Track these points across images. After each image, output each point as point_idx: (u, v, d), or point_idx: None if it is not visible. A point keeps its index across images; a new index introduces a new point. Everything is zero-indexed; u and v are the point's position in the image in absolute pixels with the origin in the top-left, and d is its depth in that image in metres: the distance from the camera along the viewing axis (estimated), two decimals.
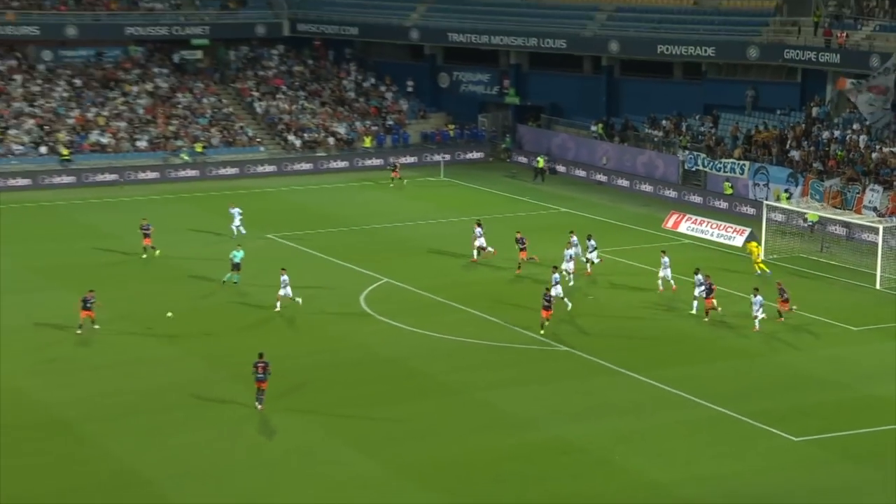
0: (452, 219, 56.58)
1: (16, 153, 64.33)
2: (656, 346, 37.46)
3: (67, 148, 65.03)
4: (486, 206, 59.64)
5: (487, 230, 49.83)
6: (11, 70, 70.18)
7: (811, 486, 27.62)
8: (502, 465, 28.64)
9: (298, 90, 74.68)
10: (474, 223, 48.30)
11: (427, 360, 36.13)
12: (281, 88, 74.23)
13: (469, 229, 53.76)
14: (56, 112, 67.88)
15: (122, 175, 63.91)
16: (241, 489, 27.32)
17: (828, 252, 49.54)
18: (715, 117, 65.05)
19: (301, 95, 74.20)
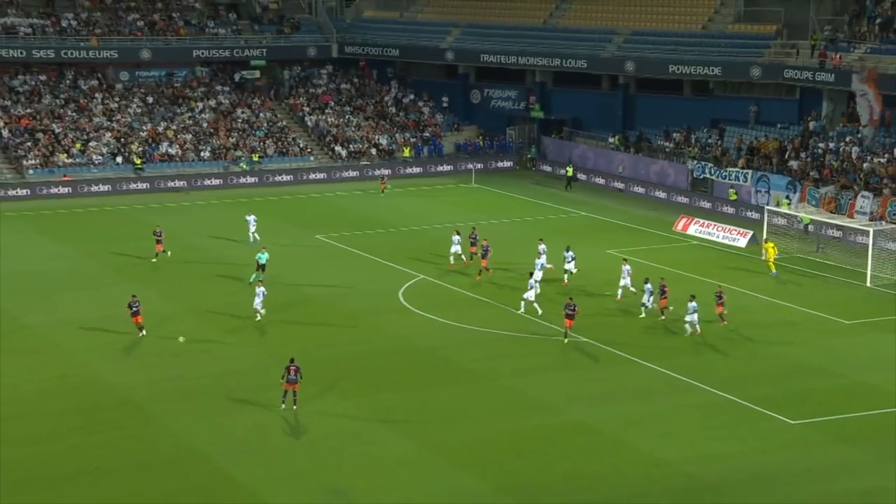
0: (482, 221, 56.42)
1: (96, 163, 64.88)
2: (667, 338, 37.09)
3: (140, 158, 65.48)
4: (513, 210, 59.43)
5: (514, 233, 49.58)
6: (93, 89, 70.80)
7: (807, 465, 27.25)
8: (525, 445, 28.47)
9: (345, 105, 74.78)
10: (454, 231, 46.92)
11: (458, 350, 36.00)
12: (329, 104, 74.36)
13: (498, 232, 53.61)
14: (131, 126, 68.37)
15: (188, 182, 64.25)
16: (290, 465, 27.32)
17: (823, 252, 48.94)
18: (721, 130, 64.46)
19: (347, 110, 74.29)
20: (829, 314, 39.96)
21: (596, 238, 52.39)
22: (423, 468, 27.18)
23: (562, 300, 38.81)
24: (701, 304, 37.81)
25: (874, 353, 35.95)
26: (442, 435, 29.17)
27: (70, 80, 70.97)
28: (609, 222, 56.36)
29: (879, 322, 39.22)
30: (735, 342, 36.84)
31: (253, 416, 30.35)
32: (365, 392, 32.17)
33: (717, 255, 49.46)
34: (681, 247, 51.19)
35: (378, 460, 27.65)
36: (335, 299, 41.52)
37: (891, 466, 27.07)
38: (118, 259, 47.59)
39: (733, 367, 34.47)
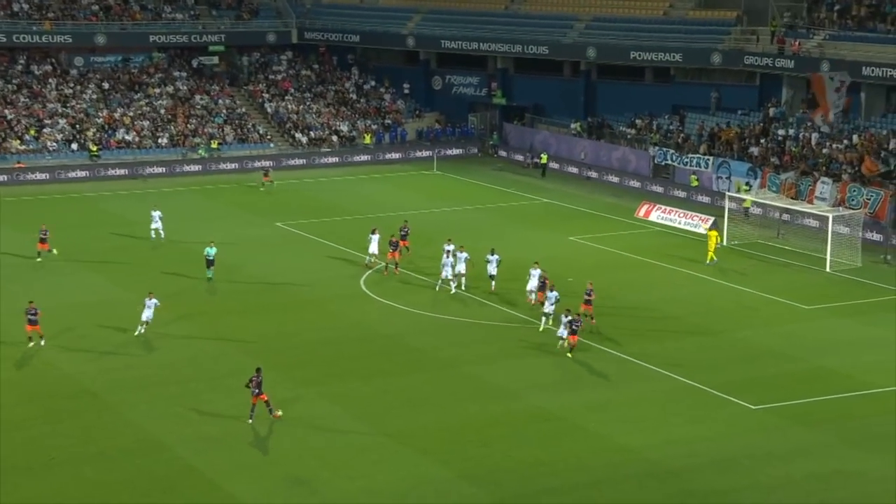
0: (444, 208, 56.36)
1: (50, 149, 63.95)
2: (629, 324, 37.31)
3: (96, 145, 64.64)
4: (474, 197, 59.43)
5: (475, 221, 49.55)
6: (46, 75, 69.72)
7: (767, 449, 27.56)
8: (489, 431, 28.55)
9: (305, 92, 74.31)
10: (371, 231, 45.14)
11: (421, 337, 36.00)
12: (289, 91, 73.86)
13: (460, 220, 53.61)
14: (86, 112, 67.45)
15: (145, 169, 63.56)
16: (252, 454, 27.17)
17: (783, 238, 49.44)
18: (682, 117, 64.87)
19: (307, 97, 73.83)
20: (789, 299, 40.41)
21: (558, 225, 52.55)
22: (386, 455, 27.18)
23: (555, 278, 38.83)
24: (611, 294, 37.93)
25: (833, 337, 36.43)
26: (405, 422, 29.17)
27: (22, 65, 69.85)
28: (571, 209, 56.55)
29: (838, 307, 39.73)
30: (696, 329, 37.13)
31: (213, 405, 30.15)
32: (327, 380, 32.08)
33: (679, 241, 49.82)
34: (642, 233, 51.50)
35: (341, 448, 27.59)
36: (296, 287, 41.31)
37: (850, 450, 27.46)
38: (72, 247, 46.97)
39: (695, 353, 34.76)
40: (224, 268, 42.75)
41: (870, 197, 49.93)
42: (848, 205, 49.90)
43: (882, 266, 45.22)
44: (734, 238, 48.82)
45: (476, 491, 25.49)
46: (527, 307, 38.46)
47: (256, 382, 28.81)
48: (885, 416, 29.59)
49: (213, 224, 51.75)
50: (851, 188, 50.93)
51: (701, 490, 25.52)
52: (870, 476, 26.11)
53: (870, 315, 38.70)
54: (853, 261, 45.14)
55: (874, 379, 32.25)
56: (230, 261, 43.82)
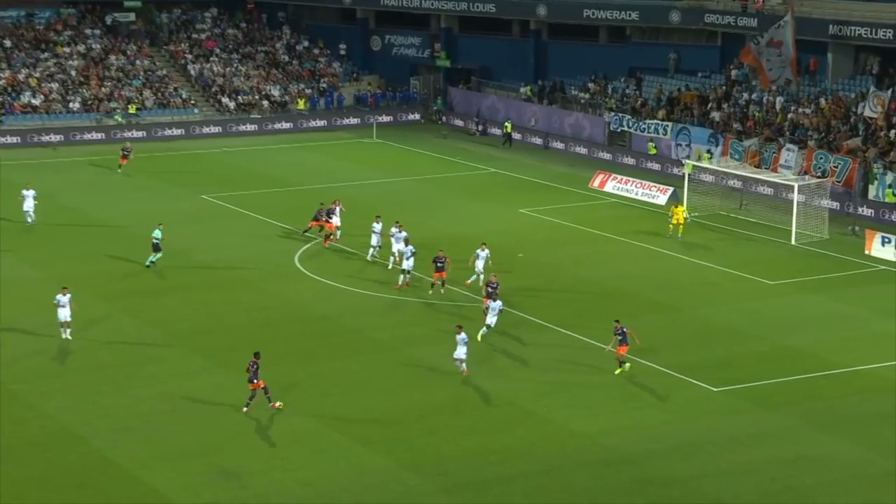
0: (385, 179, 56.18)
1: None
2: (582, 302, 37.55)
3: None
4: (417, 166, 59.30)
5: (418, 192, 49.39)
6: None
7: (730, 433, 27.96)
8: (434, 419, 28.60)
9: (232, 53, 73.41)
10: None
11: (360, 318, 35.91)
12: (214, 51, 72.91)
13: (400, 192, 53.50)
14: None
15: (56, 136, 62.40)
16: (176, 445, 26.93)
17: (746, 209, 50.03)
18: (639, 80, 65.23)
19: (234, 58, 72.95)
20: (752, 274, 40.96)
21: (507, 197, 52.65)
22: (323, 445, 27.11)
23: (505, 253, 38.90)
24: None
25: (799, 314, 37.00)
26: (342, 409, 29.11)
27: None
28: (521, 179, 56.69)
29: (804, 282, 40.37)
30: (654, 306, 37.48)
31: (134, 392, 29.83)
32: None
33: (636, 213, 50.22)
34: (598, 205, 51.81)
35: (273, 437, 27.47)
36: (226, 264, 40.96)
37: (815, 433, 27.96)
38: None
39: (652, 332, 35.07)
40: (145, 243, 42.21)
41: (837, 164, 50.70)
42: (814, 173, 50.63)
43: (850, 238, 46.00)
44: (695, 209, 49.31)
45: (421, 481, 25.55)
46: (473, 286, 38.49)
47: (254, 368, 28.56)
48: (853, 398, 30.18)
49: (130, 196, 51.06)
50: (818, 155, 51.67)
51: (660, 477, 25.83)
52: (837, 461, 26.62)
53: (837, 290, 39.37)
54: (820, 233, 45.85)
55: (841, 358, 32.85)
56: (150, 235, 43.21)
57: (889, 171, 49.15)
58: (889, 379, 31.39)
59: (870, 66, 56.90)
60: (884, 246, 43.02)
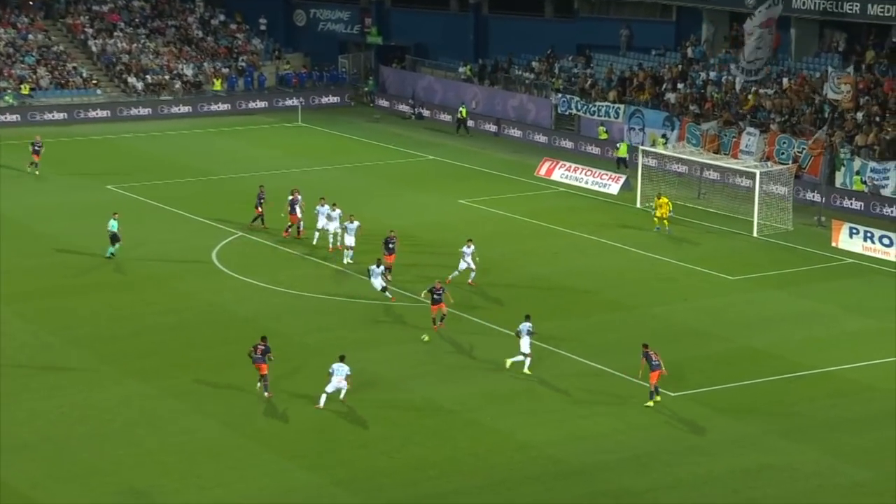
0: (311, 168, 55.96)
1: None
2: (528, 300, 37.71)
3: None
4: (347, 153, 59.16)
5: (348, 182, 49.27)
6: None
7: (688, 443, 28.28)
8: (367, 430, 28.59)
9: (139, 27, 72.63)
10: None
11: (284, 320, 35.76)
12: (118, 25, 72.05)
13: (329, 181, 53.35)
14: None
15: None
16: (77, 463, 26.59)
17: (704, 199, 50.61)
18: (588, 58, 65.69)
19: (142, 33, 72.17)
20: (711, 269, 41.46)
21: (446, 186, 52.74)
22: (245, 460, 26.96)
23: (442, 251, 38.84)
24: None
25: (761, 312, 37.52)
26: (267, 421, 28.97)
27: None
28: (461, 167, 56.80)
29: (767, 277, 40.96)
30: (606, 304, 37.78)
31: (29, 406, 29.40)
32: (172, 372, 31.71)
33: (586, 203, 50.58)
34: (544, 194, 52.10)
35: (190, 453, 27.26)
36: (135, 262, 40.55)
37: (779, 441, 28.38)
38: None
39: (605, 332, 35.39)
40: (45, 239, 41.67)
41: (801, 150, 51.49)
42: (777, 159, 51.38)
43: (815, 229, 46.75)
44: (649, 199, 49.74)
45: (353, 499, 25.54)
46: (411, 285, 38.48)
47: (262, 350, 29.59)
48: (820, 402, 30.67)
49: (25, 187, 50.30)
50: (781, 140, 52.44)
51: (613, 490, 26.07)
52: (802, 471, 27.04)
53: (802, 286, 40.01)
54: (783, 224, 46.55)
55: (807, 359, 33.38)
56: (52, 230, 42.70)
57: (857, 157, 50.01)
58: (858, 381, 31.96)
59: (835, 43, 57.83)
60: (851, 237, 43.79)
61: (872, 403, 30.53)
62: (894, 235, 42.86)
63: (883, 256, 42.68)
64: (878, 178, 49.10)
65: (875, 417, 29.62)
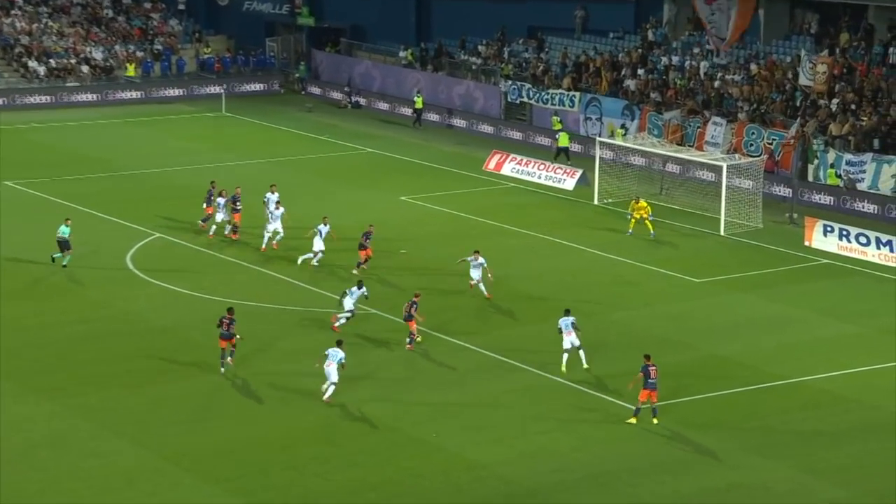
0: (236, 162, 55.71)
1: None
2: (477, 307, 37.79)
3: None
4: (276, 146, 58.97)
5: (278, 177, 49.20)
6: None
7: (651, 459, 28.47)
8: (300, 450, 28.51)
9: (39, 6, 71.96)
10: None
11: (208, 330, 35.51)
12: (16, 2, 71.31)
13: (257, 176, 53.19)
14: None
15: None
16: None
17: (667, 195, 51.01)
18: (540, 41, 65.98)
19: (43, 12, 71.53)
20: (675, 271, 41.80)
21: (386, 181, 52.76)
22: (163, 485, 26.78)
23: (387, 249, 38.75)
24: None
25: (729, 318, 37.88)
26: (187, 441, 28.81)
27: None
28: (403, 161, 56.84)
29: (735, 279, 41.37)
30: (561, 309, 37.87)
31: None
32: (81, 389, 31.48)
33: (539, 199, 50.82)
34: (494, 191, 52.27)
35: (101, 477, 27.04)
36: (38, 266, 40.14)
37: (750, 457, 28.66)
38: None
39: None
40: None
41: (772, 141, 52.09)
42: (745, 151, 51.93)
43: (787, 227, 47.31)
44: (607, 195, 50.14)
45: None
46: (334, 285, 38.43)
47: (227, 323, 31.44)
48: (793, 415, 31.00)
49: None
50: (749, 130, 53.01)
51: None
52: (775, 489, 27.31)
53: (773, 288, 40.46)
54: (753, 221, 47.05)
55: (779, 369, 33.74)
56: None
57: (831, 149, 50.64)
58: (834, 392, 32.35)
59: (807, 25, 58.55)
60: (826, 236, 44.35)
61: (848, 415, 30.93)
62: (872, 234, 43.44)
63: (860, 256, 43.27)
64: (853, 172, 49.75)
65: (851, 431, 30.00)
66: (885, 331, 36.43)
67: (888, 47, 54.13)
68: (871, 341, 35.76)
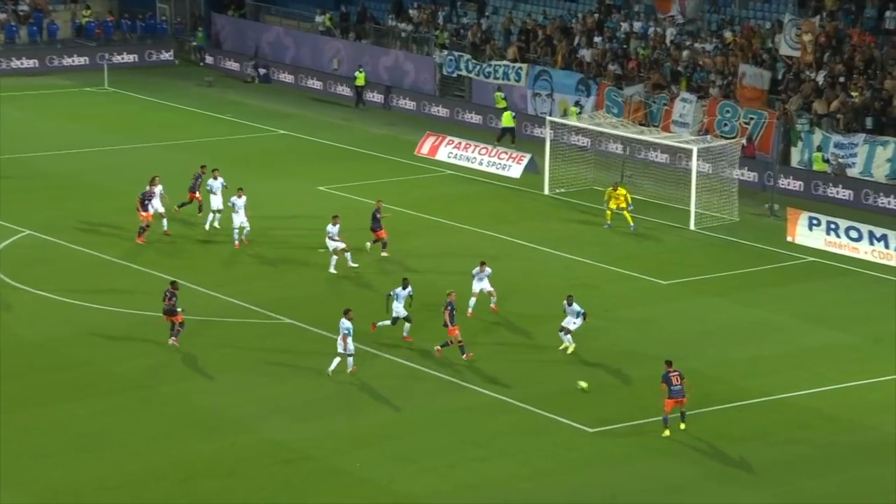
0: (122, 146, 55.51)
1: None
2: (412, 314, 37.96)
3: None
4: (170, 127, 58.76)
5: (177, 161, 49.14)
6: None
7: (611, 487, 28.79)
8: (198, 483, 28.55)
9: None
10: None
11: (92, 344, 35.55)
12: None
13: (147, 161, 52.99)
14: None
15: None
16: None
17: (630, 182, 51.39)
18: (480, 4, 66.21)
19: None
20: (639, 272, 42.19)
21: (300, 169, 52.81)
22: None
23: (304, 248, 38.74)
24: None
25: (700, 326, 38.31)
26: (67, 475, 28.75)
27: None
28: (320, 144, 56.85)
29: (707, 281, 41.83)
30: (509, 319, 38.20)
31: None
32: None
33: (481, 189, 51.07)
34: (428, 179, 52.43)
35: None
36: None
37: (723, 486, 29.05)
38: None
39: (508, 353, 35.81)
40: None
41: (749, 120, 52.67)
42: (719, 132, 52.44)
43: (767, 220, 47.87)
44: (560, 184, 50.49)
45: None
46: (253, 295, 38.48)
47: (169, 297, 34.01)
48: (773, 437, 31.35)
49: None
50: (723, 108, 53.57)
51: None
52: None
53: (750, 291, 40.94)
54: (727, 214, 47.57)
55: (757, 383, 34.17)
56: None
57: (817, 129, 51.22)
58: (821, 411, 32.79)
59: None
60: (811, 230, 44.89)
61: (838, 437, 31.36)
62: (864, 227, 43.97)
63: (850, 253, 43.87)
64: (843, 155, 50.21)
65: (842, 455, 30.40)
66: (881, 339, 37.00)
67: (883, 10, 54.72)
68: (865, 351, 36.31)
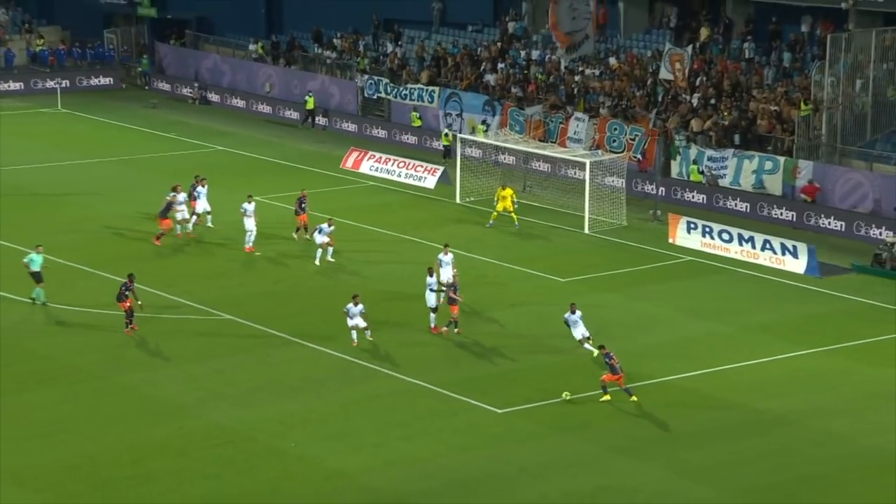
0: (74, 161, 54.86)
1: None
2: (334, 310, 37.90)
3: None
4: (117, 144, 58.25)
5: (124, 175, 48.58)
6: None
7: (518, 463, 28.92)
8: (152, 463, 28.33)
9: None
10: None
11: (46, 338, 35.14)
12: None
13: (97, 176, 52.44)
14: None
15: None
16: None
17: (530, 192, 51.75)
18: (397, 34, 66.30)
19: None
20: (540, 270, 42.45)
21: (236, 182, 52.50)
22: None
23: None
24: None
25: (595, 317, 38.39)
26: (23, 458, 28.40)
27: None
28: (255, 159, 56.66)
29: (600, 278, 42.20)
30: (423, 312, 38.24)
31: None
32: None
33: (400, 199, 51.13)
34: (352, 189, 52.42)
35: None
36: None
37: (616, 459, 29.30)
38: None
39: (422, 343, 35.85)
40: None
41: (634, 136, 53.24)
42: (608, 147, 52.98)
43: (651, 224, 48.40)
44: (469, 194, 50.69)
45: None
46: (188, 289, 38.20)
47: (124, 289, 34.30)
48: (660, 414, 31.67)
49: None
50: (612, 126, 54.08)
51: None
52: (642, 490, 27.93)
53: (637, 287, 41.37)
54: (616, 219, 48.03)
55: (644, 368, 34.50)
56: None
57: (693, 144, 51.92)
58: (699, 391, 33.22)
59: (667, 19, 59.96)
60: (689, 233, 45.49)
61: (714, 413, 31.77)
62: (734, 230, 44.67)
63: (723, 253, 44.48)
64: (715, 168, 51.06)
65: (717, 430, 30.80)
66: (749, 329, 37.54)
67: (745, 42, 55.74)
68: (735, 340, 36.79)
